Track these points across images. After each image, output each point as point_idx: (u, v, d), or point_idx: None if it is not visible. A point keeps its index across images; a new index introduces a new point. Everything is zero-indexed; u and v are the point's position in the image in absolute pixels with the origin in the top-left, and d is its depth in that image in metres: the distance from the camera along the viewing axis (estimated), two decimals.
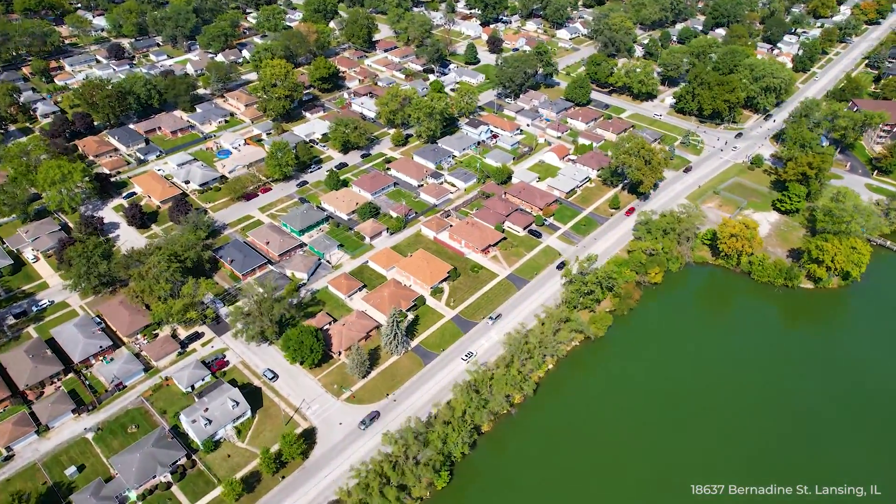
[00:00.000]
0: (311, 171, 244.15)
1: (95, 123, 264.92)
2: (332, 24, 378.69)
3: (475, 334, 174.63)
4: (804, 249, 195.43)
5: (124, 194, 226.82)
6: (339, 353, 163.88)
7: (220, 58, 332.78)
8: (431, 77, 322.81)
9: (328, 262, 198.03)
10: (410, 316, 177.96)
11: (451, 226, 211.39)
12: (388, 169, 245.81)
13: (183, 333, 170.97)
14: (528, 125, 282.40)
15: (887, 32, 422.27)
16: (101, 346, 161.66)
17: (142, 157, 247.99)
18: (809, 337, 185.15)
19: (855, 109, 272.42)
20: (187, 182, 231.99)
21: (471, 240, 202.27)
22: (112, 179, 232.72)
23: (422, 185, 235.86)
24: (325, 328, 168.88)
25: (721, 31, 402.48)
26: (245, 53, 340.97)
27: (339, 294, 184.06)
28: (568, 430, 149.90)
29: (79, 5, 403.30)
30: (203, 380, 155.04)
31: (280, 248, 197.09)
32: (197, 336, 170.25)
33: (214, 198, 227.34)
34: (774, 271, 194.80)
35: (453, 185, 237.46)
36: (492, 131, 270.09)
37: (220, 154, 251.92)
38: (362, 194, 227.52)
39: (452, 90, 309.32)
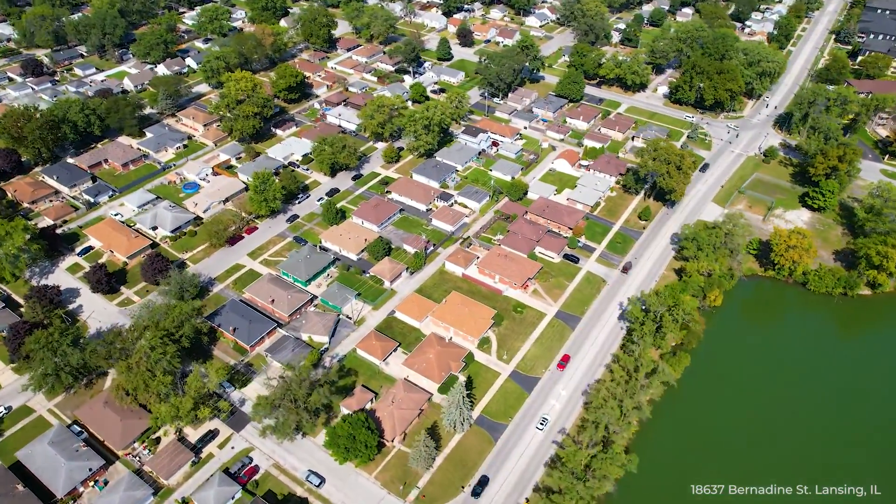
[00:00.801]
0: (298, 202, 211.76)
1: (24, 160, 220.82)
2: (283, 23, 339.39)
3: (541, 393, 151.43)
4: (860, 254, 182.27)
5: (78, 250, 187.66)
6: (394, 440, 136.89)
7: (161, 69, 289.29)
8: (407, 78, 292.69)
9: (348, 317, 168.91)
10: (462, 378, 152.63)
11: (477, 258, 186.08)
12: (388, 192, 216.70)
13: (192, 434, 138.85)
14: (525, 128, 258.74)
15: (842, 4, 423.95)
16: (90, 469, 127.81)
17: (91, 200, 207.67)
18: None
19: (864, 93, 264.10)
20: (155, 228, 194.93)
21: (506, 274, 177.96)
22: (58, 231, 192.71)
23: (431, 210, 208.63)
24: (368, 409, 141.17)
25: (688, 11, 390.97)
26: (190, 62, 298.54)
27: (372, 359, 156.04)
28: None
29: None
30: (233, 497, 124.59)
31: (289, 306, 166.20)
32: (211, 435, 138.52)
33: (191, 245, 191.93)
34: (832, 280, 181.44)
35: (465, 207, 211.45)
36: (491, 138, 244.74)
37: (187, 188, 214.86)
38: (367, 227, 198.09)
39: (434, 92, 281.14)
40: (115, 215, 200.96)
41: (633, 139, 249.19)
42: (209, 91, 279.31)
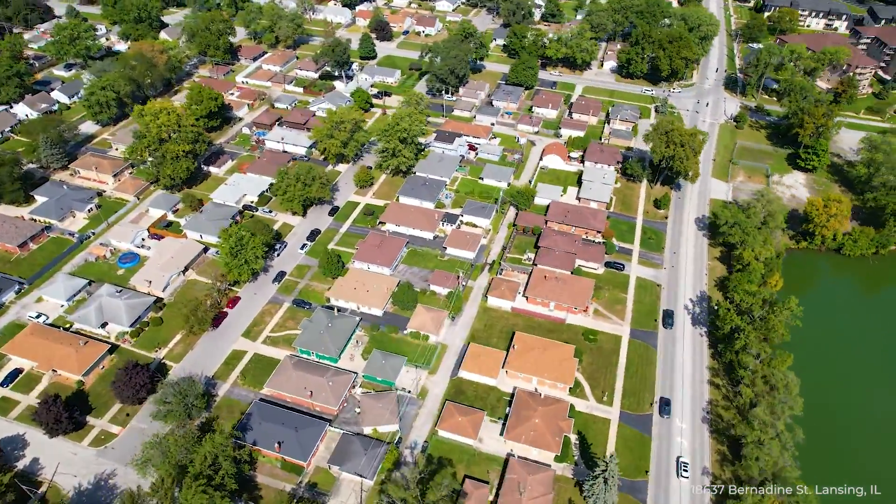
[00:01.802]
0: (277, 255, 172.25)
1: None
2: (163, 36, 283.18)
3: (661, 431, 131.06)
4: (888, 211, 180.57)
5: (0, 379, 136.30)
6: None
7: (21, 110, 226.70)
8: (339, 85, 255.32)
9: (407, 391, 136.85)
10: (574, 437, 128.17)
11: (518, 284, 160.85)
12: (381, 224, 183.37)
13: None
14: (493, 125, 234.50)
15: None
16: None
17: None
18: None
19: (810, 49, 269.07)
20: (104, 325, 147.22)
21: (562, 298, 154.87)
22: None
23: (437, 237, 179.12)
24: None
25: None
26: (58, 96, 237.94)
27: (463, 439, 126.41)
28: None
29: None
30: None
31: (335, 395, 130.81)
32: None
33: (160, 338, 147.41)
34: (866, 241, 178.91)
35: (475, 226, 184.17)
36: (467, 142, 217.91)
37: (124, 262, 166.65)
38: (378, 272, 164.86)
39: (376, 97, 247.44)
40: (38, 317, 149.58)
41: (608, 122, 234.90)
42: (99, 130, 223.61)
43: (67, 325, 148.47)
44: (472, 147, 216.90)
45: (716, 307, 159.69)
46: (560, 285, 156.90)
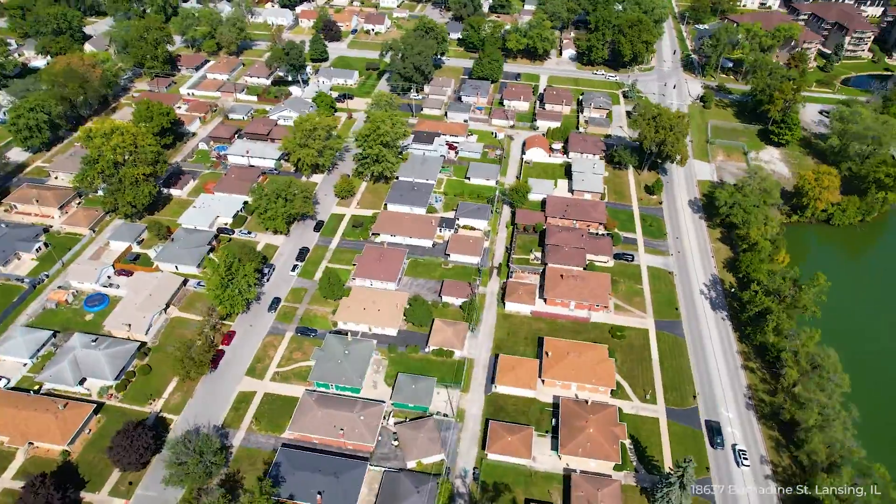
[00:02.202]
0: (267, 280, 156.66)
1: None
2: (88, 48, 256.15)
3: (715, 427, 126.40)
4: (868, 179, 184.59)
5: None
6: None
7: None
8: (296, 90, 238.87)
9: (444, 415, 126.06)
10: (627, 442, 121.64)
11: (534, 286, 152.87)
12: (376, 235, 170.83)
13: None
14: (466, 121, 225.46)
15: None
16: None
17: None
18: None
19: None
20: (83, 381, 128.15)
21: (582, 297, 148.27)
22: None
23: (438, 244, 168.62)
24: None
25: None
26: None
27: (516, 460, 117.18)
28: None
29: None
30: None
31: (370, 430, 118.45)
32: None
33: (152, 388, 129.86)
34: (854, 211, 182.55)
35: (473, 229, 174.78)
36: (446, 142, 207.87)
37: (91, 305, 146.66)
38: (386, 289, 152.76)
39: (339, 100, 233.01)
40: None
41: (580, 111, 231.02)
42: (31, 157, 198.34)
43: (36, 388, 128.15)
44: (451, 146, 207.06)
45: (732, 289, 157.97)
46: (578, 283, 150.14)
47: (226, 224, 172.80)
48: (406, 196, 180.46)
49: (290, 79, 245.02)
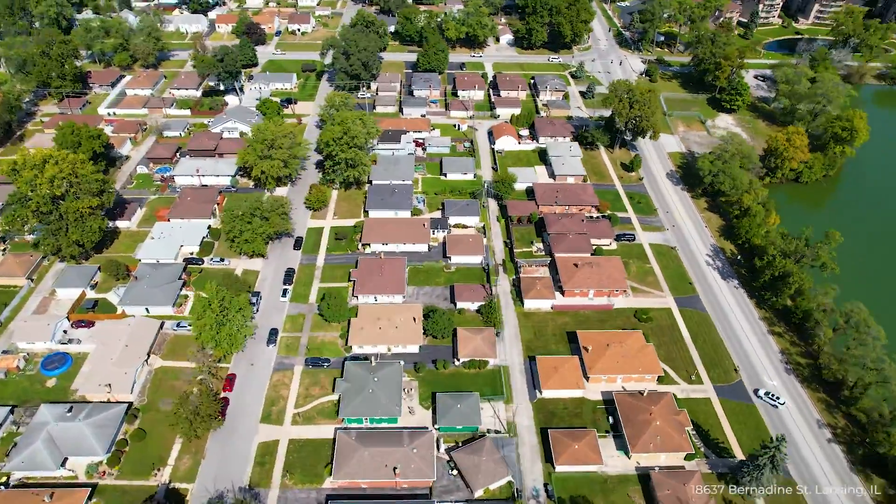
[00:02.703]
0: (256, 310, 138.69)
1: None
2: None
3: (766, 403, 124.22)
4: (827, 134, 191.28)
5: None
6: None
7: None
8: (232, 100, 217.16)
9: (496, 431, 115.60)
10: (690, 429, 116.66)
11: (549, 279, 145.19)
12: (366, 245, 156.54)
13: None
14: (424, 115, 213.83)
15: None
16: None
17: None
18: None
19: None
20: (64, 461, 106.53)
21: (602, 284, 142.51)
22: None
23: (434, 247, 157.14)
24: None
25: None
26: None
27: (586, 468, 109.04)
28: None
29: None
30: None
31: (427, 464, 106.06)
32: None
33: (152, 456, 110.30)
34: (819, 167, 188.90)
35: (465, 227, 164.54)
36: (414, 139, 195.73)
37: (49, 368, 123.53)
38: (392, 303, 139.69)
39: (284, 105, 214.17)
40: None
41: (536, 96, 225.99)
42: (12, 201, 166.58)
43: (3, 480, 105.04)
44: (418, 143, 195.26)
45: (738, 258, 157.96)
46: (594, 270, 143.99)
47: (192, 253, 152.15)
48: (387, 200, 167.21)
49: (222, 88, 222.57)
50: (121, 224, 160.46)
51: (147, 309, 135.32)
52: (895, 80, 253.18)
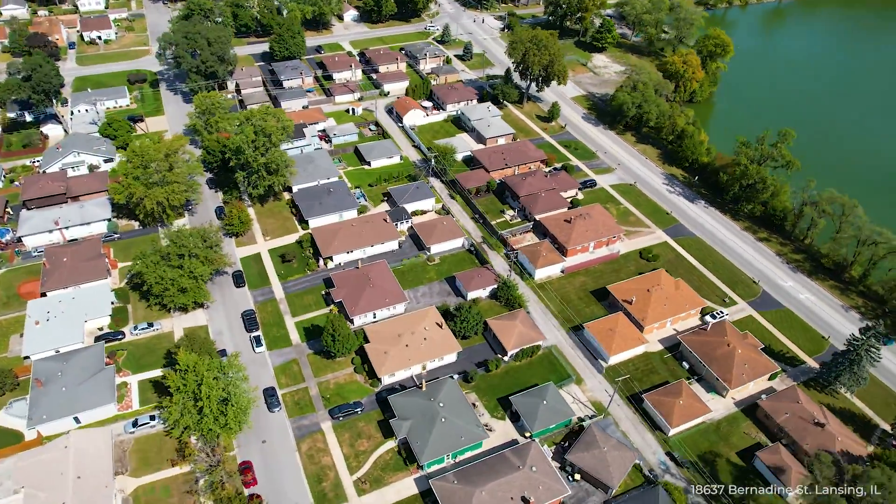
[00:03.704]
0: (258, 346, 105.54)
1: None
2: None
3: (790, 298, 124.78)
4: (701, 55, 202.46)
5: None
6: None
7: None
8: (54, 129, 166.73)
9: (590, 417, 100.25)
10: (762, 348, 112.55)
11: (547, 243, 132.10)
12: (329, 259, 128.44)
13: None
14: (306, 106, 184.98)
15: None
16: None
17: None
18: None
19: None
20: None
21: (599, 234, 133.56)
22: None
23: (403, 241, 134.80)
24: None
25: None
26: None
27: (697, 421, 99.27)
28: None
29: None
30: None
31: (554, 480, 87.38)
32: None
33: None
34: (707, 85, 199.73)
35: (424, 212, 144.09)
36: (318, 132, 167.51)
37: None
38: (396, 313, 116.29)
39: (133, 120, 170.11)
40: None
41: (416, 65, 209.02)
42: None
43: None
44: (322, 135, 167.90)
45: (695, 179, 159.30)
46: (588, 222, 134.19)
47: (101, 328, 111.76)
48: (326, 203, 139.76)
49: (28, 118, 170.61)
50: None
51: (76, 419, 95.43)
52: (709, 5, 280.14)
